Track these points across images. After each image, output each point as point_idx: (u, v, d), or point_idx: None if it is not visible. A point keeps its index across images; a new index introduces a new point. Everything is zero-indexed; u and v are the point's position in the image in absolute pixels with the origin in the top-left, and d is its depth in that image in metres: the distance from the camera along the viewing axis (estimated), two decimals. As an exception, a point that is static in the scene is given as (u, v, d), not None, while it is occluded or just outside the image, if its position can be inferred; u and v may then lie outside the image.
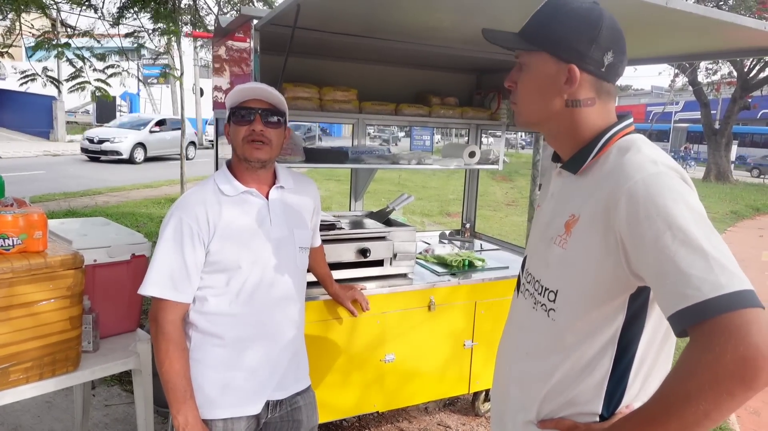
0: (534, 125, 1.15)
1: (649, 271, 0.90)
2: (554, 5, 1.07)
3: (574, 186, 1.09)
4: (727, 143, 19.27)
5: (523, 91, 1.11)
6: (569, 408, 1.07)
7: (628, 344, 1.02)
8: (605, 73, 1.05)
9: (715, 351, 0.80)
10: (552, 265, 1.09)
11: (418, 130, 3.52)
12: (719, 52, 2.33)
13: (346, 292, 2.24)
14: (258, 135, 1.50)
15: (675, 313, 0.84)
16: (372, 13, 2.03)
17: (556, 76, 1.05)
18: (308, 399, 1.72)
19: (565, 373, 1.07)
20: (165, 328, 1.45)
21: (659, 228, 0.88)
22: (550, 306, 1.09)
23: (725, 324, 0.80)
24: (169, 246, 1.45)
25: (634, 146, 1.01)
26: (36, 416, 2.82)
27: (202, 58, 21.11)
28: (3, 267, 1.64)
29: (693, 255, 0.84)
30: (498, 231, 7.89)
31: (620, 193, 0.94)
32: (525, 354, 1.15)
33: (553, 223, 1.10)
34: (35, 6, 4.61)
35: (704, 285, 0.82)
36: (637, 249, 0.91)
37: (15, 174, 12.21)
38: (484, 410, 3.06)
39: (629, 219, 0.92)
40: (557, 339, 1.07)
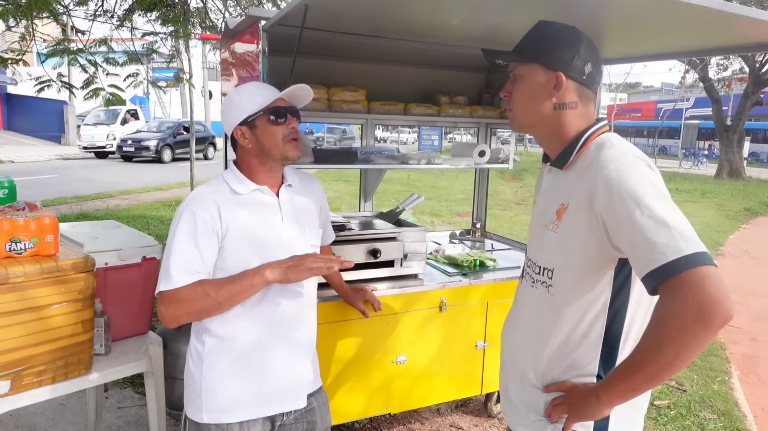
0: (527, 128, 1.35)
1: (624, 243, 1.08)
2: (542, 27, 1.29)
3: (562, 179, 1.28)
4: (739, 140, 19.04)
5: (518, 98, 1.31)
6: (570, 371, 1.25)
7: (617, 311, 1.20)
8: (586, 80, 1.26)
9: (678, 302, 0.98)
10: (547, 248, 1.28)
11: (427, 130, 3.50)
12: (731, 47, 2.29)
13: (357, 293, 2.24)
14: (295, 133, 1.55)
15: (646, 275, 1.02)
16: (380, 13, 2.02)
17: (546, 83, 1.26)
18: (321, 400, 1.71)
19: (564, 340, 1.24)
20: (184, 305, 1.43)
21: (630, 206, 1.06)
22: (549, 282, 1.27)
23: (686, 279, 0.97)
24: (184, 239, 1.42)
25: (608, 142, 1.22)
26: (50, 418, 2.84)
27: (210, 61, 21.24)
28: (15, 271, 1.65)
29: (658, 226, 1.02)
30: (508, 231, 7.86)
31: (598, 180, 1.13)
32: (528, 327, 1.33)
33: (546, 213, 1.30)
34: (48, 12, 4.65)
35: (667, 250, 1.00)
36: (614, 225, 1.10)
37: (27, 178, 12.34)
38: (496, 411, 3.04)
39: (606, 200, 1.11)
40: (556, 311, 1.25)
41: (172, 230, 1.45)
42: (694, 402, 3.41)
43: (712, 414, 3.30)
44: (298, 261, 1.47)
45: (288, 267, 1.45)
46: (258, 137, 1.52)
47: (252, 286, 1.43)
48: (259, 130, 1.51)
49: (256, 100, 1.50)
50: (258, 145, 1.52)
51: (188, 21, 5.29)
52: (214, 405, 1.50)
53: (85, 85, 5.18)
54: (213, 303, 1.42)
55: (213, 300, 1.41)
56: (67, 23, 5.59)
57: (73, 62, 5.01)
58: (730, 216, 11.08)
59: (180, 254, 1.42)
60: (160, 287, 1.42)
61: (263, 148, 1.52)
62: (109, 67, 5.39)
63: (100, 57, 5.37)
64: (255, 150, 1.53)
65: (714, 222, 9.81)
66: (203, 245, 1.43)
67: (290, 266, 1.45)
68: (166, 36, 5.84)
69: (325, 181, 13.38)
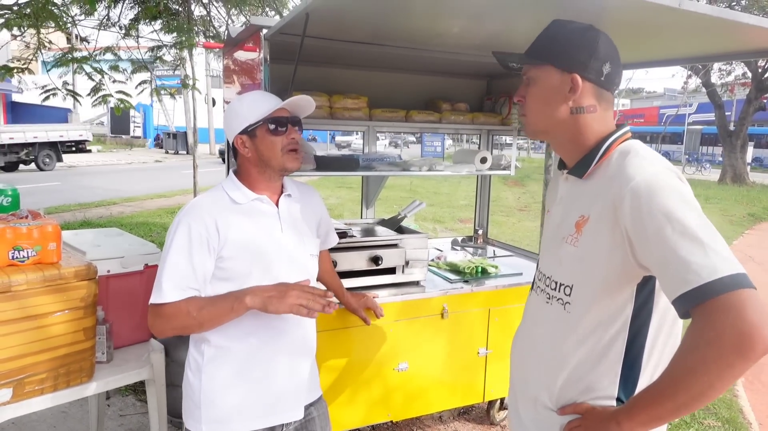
0: (542, 134, 1.26)
1: (653, 261, 1.00)
2: (556, 26, 1.21)
3: (581, 189, 1.20)
4: (742, 145, 19.00)
5: (531, 103, 1.23)
6: (588, 394, 1.16)
7: (638, 330, 1.12)
8: (605, 81, 1.18)
9: (715, 328, 0.90)
10: (565, 262, 1.19)
11: (429, 137, 3.51)
12: (733, 54, 2.30)
13: (358, 300, 2.24)
14: (295, 143, 1.53)
15: (678, 297, 0.94)
16: (381, 21, 2.03)
17: (560, 86, 1.18)
18: (321, 410, 1.71)
19: (581, 360, 1.16)
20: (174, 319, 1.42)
21: (660, 221, 0.98)
22: (566, 299, 1.18)
23: (724, 303, 0.89)
24: (178, 253, 1.42)
25: (633, 150, 1.13)
26: (52, 426, 2.83)
27: (213, 69, 21.35)
28: (18, 279, 1.65)
29: (691, 244, 0.94)
30: (511, 237, 7.84)
31: (624, 192, 1.05)
32: (542, 345, 1.25)
33: (563, 224, 1.21)
34: (53, 21, 4.69)
35: (703, 271, 0.92)
36: (641, 241, 1.02)
37: (31, 185, 12.40)
38: (499, 419, 3.03)
39: (633, 215, 1.03)
40: (573, 329, 1.17)
41: (167, 241, 1.45)
42: (698, 410, 3.39)
43: (716, 421, 3.27)
44: (282, 292, 1.40)
45: (269, 298, 1.39)
46: (258, 147, 1.51)
47: (231, 311, 1.40)
48: (258, 140, 1.51)
49: (257, 110, 1.50)
50: (257, 155, 1.52)
51: (192, 30, 5.33)
52: (214, 417, 1.50)
53: (93, 92, 5.22)
54: (194, 323, 1.41)
55: (194, 320, 1.40)
56: (73, 32, 5.63)
57: (79, 70, 5.05)
58: (734, 221, 11.05)
59: (172, 268, 1.41)
60: (151, 299, 1.42)
61: (262, 158, 1.52)
62: (116, 75, 5.44)
63: (106, 65, 5.41)
64: (255, 159, 1.53)
65: (718, 228, 9.62)
66: (197, 259, 1.42)
67: (272, 296, 1.39)
68: (171, 46, 5.88)
69: (327, 188, 13.40)
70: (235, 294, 1.42)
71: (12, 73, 5.09)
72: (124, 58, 5.94)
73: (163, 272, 1.42)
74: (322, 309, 1.40)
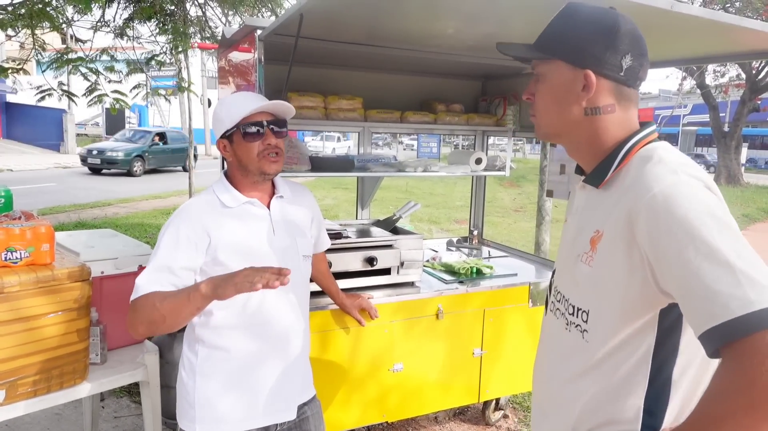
0: (554, 137, 1.12)
1: (674, 288, 0.86)
2: (567, 14, 1.05)
3: (598, 200, 1.05)
4: (736, 146, 19.10)
5: (540, 102, 1.08)
6: (608, 427, 1.03)
7: (664, 361, 0.98)
8: (624, 77, 1.01)
9: (748, 375, 0.75)
10: (581, 284, 1.06)
11: (425, 137, 3.52)
12: (727, 55, 2.31)
13: (353, 301, 2.23)
14: (273, 148, 1.50)
15: (704, 333, 0.80)
16: (375, 22, 2.03)
17: (572, 84, 1.02)
18: (315, 409, 1.71)
19: (598, 392, 1.03)
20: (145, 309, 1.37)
21: (681, 241, 0.83)
22: (584, 327, 1.05)
23: (758, 344, 0.74)
24: (164, 254, 1.41)
25: (655, 155, 0.97)
26: (46, 428, 2.82)
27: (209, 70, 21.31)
28: (10, 280, 1.65)
29: (719, 269, 0.80)
30: (506, 238, 7.86)
31: (640, 206, 0.90)
32: (560, 376, 1.12)
33: (578, 240, 1.07)
34: (48, 22, 4.68)
35: (732, 302, 0.77)
36: (661, 265, 0.87)
37: (26, 186, 12.34)
38: (494, 419, 3.03)
39: (650, 233, 0.88)
40: (590, 359, 1.04)
41: (157, 244, 1.45)
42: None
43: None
44: (230, 276, 1.32)
45: (216, 285, 1.31)
46: (236, 151, 1.51)
47: (188, 301, 1.32)
48: (236, 145, 1.50)
49: (233, 114, 1.48)
50: (237, 159, 1.52)
51: (187, 32, 5.32)
52: (208, 416, 1.50)
53: (89, 92, 5.20)
54: (158, 315, 1.33)
55: (158, 311, 1.33)
56: (68, 32, 5.62)
57: (74, 71, 5.04)
58: (729, 222, 11.09)
59: (155, 268, 1.40)
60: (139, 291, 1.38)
61: (241, 162, 1.51)
62: (111, 75, 5.42)
63: (101, 65, 5.39)
64: (235, 163, 1.53)
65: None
66: (181, 257, 1.41)
67: (217, 283, 1.31)
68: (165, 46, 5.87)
69: (323, 189, 13.39)
70: (193, 285, 1.37)
71: (7, 73, 5.08)
72: (120, 59, 5.93)
73: (144, 271, 1.41)
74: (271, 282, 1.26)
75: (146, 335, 1.42)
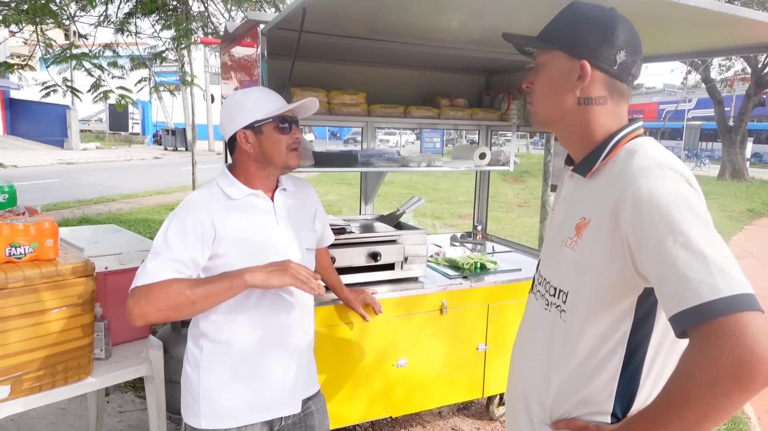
0: (548, 124, 1.18)
1: (651, 273, 0.93)
2: (571, 10, 1.12)
3: (585, 189, 1.12)
4: (741, 140, 18.98)
5: (538, 90, 1.15)
6: (582, 408, 1.10)
7: (638, 345, 1.04)
8: (618, 71, 1.08)
9: (711, 354, 0.82)
10: (563, 267, 1.12)
11: (428, 132, 3.51)
12: (732, 48, 2.29)
13: (357, 296, 2.23)
14: (298, 143, 1.55)
15: (674, 315, 0.87)
16: (378, 16, 2.02)
17: (569, 73, 1.09)
18: (319, 404, 1.71)
19: (574, 373, 1.09)
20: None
21: (661, 231, 0.91)
22: (563, 307, 1.11)
23: (722, 326, 0.82)
24: (171, 241, 1.40)
25: (642, 149, 1.04)
26: (51, 423, 2.84)
27: (212, 65, 21.29)
28: (15, 276, 1.65)
29: (693, 258, 0.87)
30: (510, 233, 7.84)
31: (626, 196, 0.97)
32: (538, 355, 1.18)
33: (564, 226, 1.14)
34: (50, 18, 4.68)
35: (702, 288, 0.84)
36: (641, 251, 0.94)
37: (30, 182, 12.37)
38: (498, 414, 3.03)
39: (633, 222, 0.95)
40: (568, 339, 1.10)
41: (159, 233, 1.43)
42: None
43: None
44: (282, 266, 1.43)
45: (270, 272, 1.41)
46: (263, 143, 1.51)
47: (230, 288, 1.39)
48: (264, 137, 1.51)
49: (265, 107, 1.50)
50: (261, 151, 1.52)
51: (189, 27, 5.31)
52: (213, 411, 1.50)
53: (93, 89, 5.20)
54: (187, 302, 1.35)
55: (187, 298, 1.35)
56: (71, 28, 5.62)
57: (78, 67, 5.04)
58: (733, 217, 11.05)
59: (164, 253, 1.39)
60: (136, 282, 1.38)
61: (266, 155, 1.52)
62: (114, 71, 5.41)
63: (104, 61, 5.39)
64: (256, 155, 1.53)
65: (717, 224, 9.61)
66: (191, 249, 1.41)
67: (272, 271, 1.41)
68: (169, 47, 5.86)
69: (326, 184, 13.39)
70: (233, 272, 1.41)
71: (12, 69, 5.08)
72: (123, 55, 5.92)
73: (151, 257, 1.39)
74: (314, 291, 1.44)
75: (155, 322, 1.41)
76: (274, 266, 1.43)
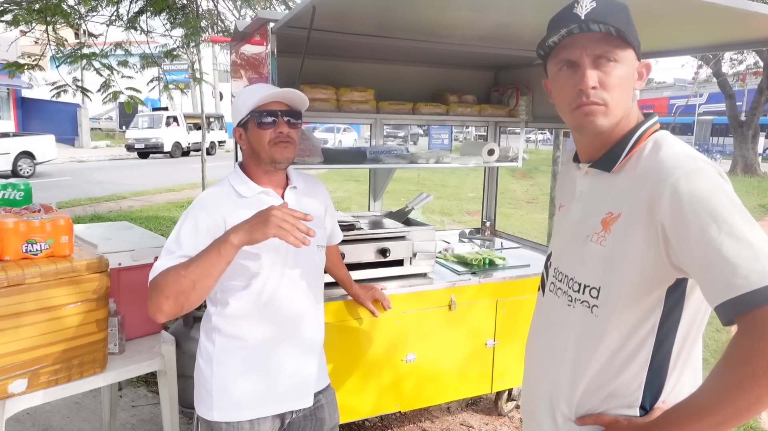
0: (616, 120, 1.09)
1: (694, 263, 0.93)
2: (624, 8, 1.08)
3: (608, 183, 1.11)
4: (754, 135, 18.76)
5: (618, 87, 1.06)
6: (611, 401, 1.09)
7: (666, 335, 1.05)
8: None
9: (757, 344, 0.83)
10: (589, 263, 1.11)
11: (437, 129, 3.51)
12: (744, 42, 2.27)
13: (366, 292, 2.25)
14: (284, 136, 1.52)
15: (723, 303, 0.87)
16: (387, 13, 2.03)
17: (634, 72, 1.10)
18: (329, 397, 1.73)
19: (604, 365, 1.09)
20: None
21: (704, 220, 0.91)
22: (593, 302, 1.10)
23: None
24: (183, 238, 1.43)
25: (666, 142, 1.06)
26: (66, 416, 2.88)
27: (221, 63, 21.35)
28: (31, 272, 1.68)
29: (739, 245, 0.88)
30: (519, 229, 7.82)
31: (663, 188, 0.97)
32: (562, 351, 1.16)
33: (586, 222, 1.13)
34: (61, 17, 4.72)
35: (752, 275, 0.85)
36: (681, 241, 0.94)
37: (42, 180, 12.50)
38: (507, 409, 3.04)
39: (673, 213, 0.95)
40: (599, 334, 1.09)
41: (173, 232, 1.46)
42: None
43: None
44: (263, 217, 1.33)
45: (251, 227, 1.33)
46: (250, 139, 1.54)
47: (220, 255, 1.33)
48: (249, 132, 1.54)
49: (248, 102, 1.51)
50: (250, 147, 1.55)
51: (198, 25, 5.33)
52: (225, 403, 1.52)
53: (103, 89, 5.25)
54: (187, 283, 1.32)
55: (186, 279, 1.32)
56: (81, 27, 5.66)
57: (88, 66, 5.08)
58: (745, 213, 10.94)
59: (175, 251, 1.41)
60: (149, 279, 1.40)
61: (254, 151, 1.54)
62: (125, 70, 5.45)
63: (115, 60, 5.43)
64: (249, 152, 1.56)
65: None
66: (202, 245, 1.41)
67: (254, 225, 1.33)
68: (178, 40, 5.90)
69: (335, 181, 13.41)
70: (218, 239, 1.36)
71: (23, 69, 5.13)
72: (134, 53, 5.96)
73: (162, 255, 1.43)
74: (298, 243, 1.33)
75: (173, 314, 1.38)
76: (256, 218, 1.34)
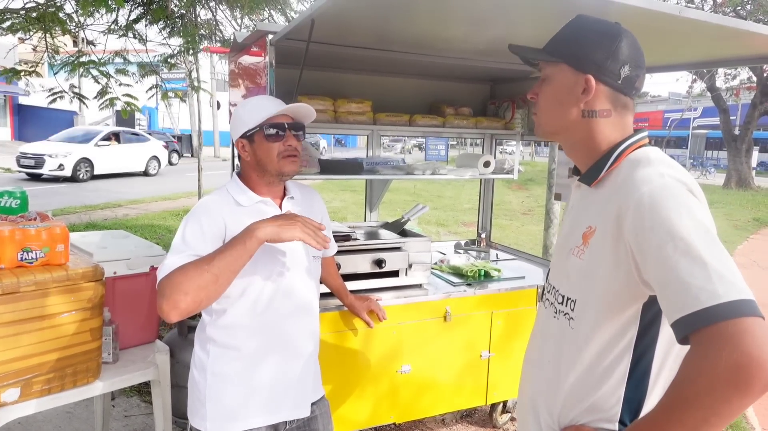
0: (552, 134, 1.20)
1: (653, 280, 0.94)
2: (577, 24, 1.14)
3: (591, 198, 1.14)
4: (747, 149, 18.92)
5: (543, 101, 1.17)
6: (590, 415, 1.11)
7: (644, 351, 1.05)
8: (622, 85, 1.10)
9: (710, 359, 0.83)
10: (571, 275, 1.14)
11: (433, 141, 3.53)
12: (737, 59, 2.31)
13: (362, 303, 2.25)
14: (293, 150, 1.54)
15: (676, 321, 0.88)
16: (385, 26, 2.05)
17: (574, 87, 1.12)
18: (323, 408, 1.73)
19: (582, 379, 1.10)
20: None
21: (662, 238, 0.92)
22: (571, 315, 1.13)
23: (721, 332, 0.82)
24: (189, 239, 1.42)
25: (645, 158, 1.06)
26: (57, 426, 2.86)
27: (218, 72, 21.43)
28: (26, 280, 1.68)
29: (693, 265, 0.88)
30: (514, 241, 7.84)
31: (629, 204, 0.99)
32: (547, 362, 1.20)
33: (571, 235, 1.16)
34: (59, 26, 4.74)
35: (702, 294, 0.85)
36: (643, 258, 0.95)
37: (38, 187, 12.47)
38: (501, 421, 3.03)
39: (636, 229, 0.96)
40: (576, 346, 1.11)
41: (177, 235, 1.46)
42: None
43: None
44: (290, 220, 1.40)
45: (280, 226, 1.38)
46: (255, 151, 1.54)
47: (245, 250, 1.34)
48: (256, 145, 1.54)
49: (256, 115, 1.52)
50: (256, 159, 1.55)
51: (196, 35, 5.36)
52: (219, 414, 1.52)
53: (100, 95, 5.26)
54: (210, 277, 1.32)
55: (209, 273, 1.32)
56: (79, 35, 5.68)
57: (86, 74, 5.10)
58: (739, 226, 11.01)
59: (185, 251, 1.40)
60: (158, 279, 1.37)
61: (260, 163, 1.55)
62: (122, 78, 5.47)
63: (113, 68, 5.44)
64: (253, 163, 1.56)
65: (722, 233, 9.70)
66: (210, 245, 1.41)
67: (282, 224, 1.38)
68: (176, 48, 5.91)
69: (331, 191, 13.42)
70: (242, 233, 1.37)
71: (20, 75, 5.14)
72: (133, 62, 5.98)
73: (169, 254, 1.40)
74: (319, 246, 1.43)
75: (188, 312, 1.34)
76: (282, 219, 1.40)
